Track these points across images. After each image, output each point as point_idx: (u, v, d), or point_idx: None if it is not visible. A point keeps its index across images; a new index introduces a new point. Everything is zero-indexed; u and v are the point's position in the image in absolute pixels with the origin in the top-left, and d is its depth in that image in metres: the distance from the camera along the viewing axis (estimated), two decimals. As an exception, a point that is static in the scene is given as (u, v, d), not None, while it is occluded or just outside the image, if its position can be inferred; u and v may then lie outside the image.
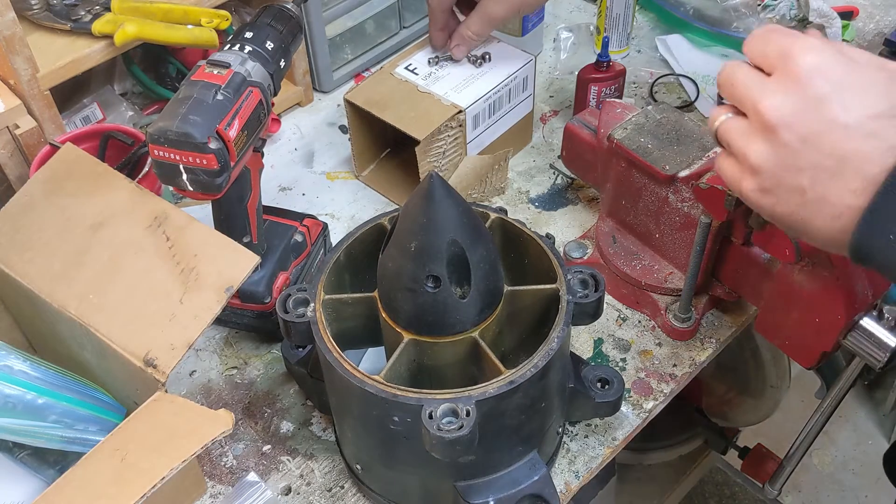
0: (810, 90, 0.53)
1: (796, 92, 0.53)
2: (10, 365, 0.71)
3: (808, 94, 0.53)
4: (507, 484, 0.72)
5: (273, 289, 0.87)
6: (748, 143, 0.57)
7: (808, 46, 0.54)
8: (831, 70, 0.53)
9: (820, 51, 0.54)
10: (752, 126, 0.56)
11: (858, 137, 0.51)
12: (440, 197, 0.64)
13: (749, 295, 0.86)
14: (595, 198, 1.05)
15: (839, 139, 0.52)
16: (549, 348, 0.67)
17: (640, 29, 1.30)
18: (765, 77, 0.56)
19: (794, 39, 0.55)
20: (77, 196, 0.80)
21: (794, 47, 0.54)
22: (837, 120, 0.52)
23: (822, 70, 0.53)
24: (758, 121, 0.56)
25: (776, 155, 0.55)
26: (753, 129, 0.56)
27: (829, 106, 0.52)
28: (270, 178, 1.10)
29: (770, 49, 0.56)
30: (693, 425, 1.54)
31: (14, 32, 0.85)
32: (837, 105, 0.52)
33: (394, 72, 1.02)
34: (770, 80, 0.56)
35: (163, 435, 0.68)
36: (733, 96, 0.59)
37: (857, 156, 0.52)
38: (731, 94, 0.59)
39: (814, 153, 0.53)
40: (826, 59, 0.53)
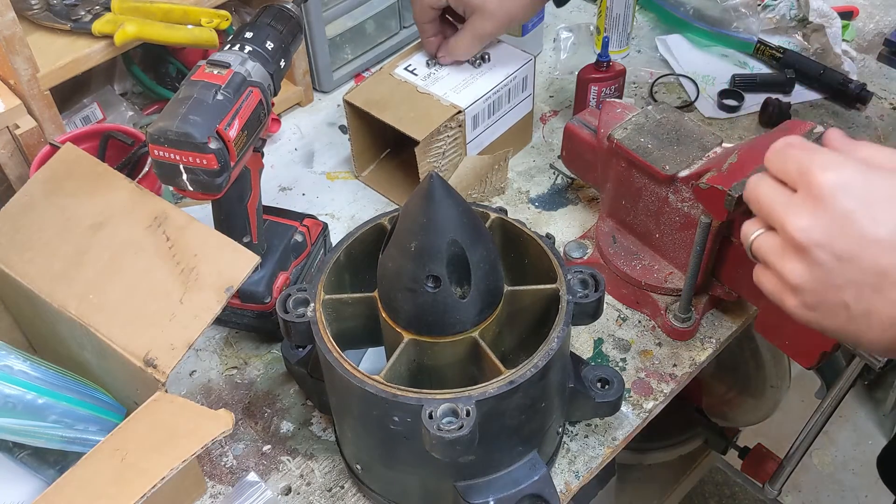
0: (836, 209, 0.52)
1: (822, 212, 0.53)
2: (10, 365, 0.71)
3: (835, 213, 0.52)
4: (507, 484, 0.72)
5: (273, 289, 0.87)
6: (784, 262, 0.56)
7: (827, 163, 0.53)
8: (853, 185, 0.52)
9: (839, 167, 0.53)
10: (784, 245, 0.56)
11: (893, 250, 0.51)
12: (440, 197, 0.64)
13: (749, 295, 0.86)
14: (595, 198, 1.05)
15: (874, 255, 0.52)
16: (549, 348, 0.67)
17: (640, 29, 1.30)
18: (789, 193, 0.56)
19: (812, 156, 0.54)
20: (77, 196, 0.80)
21: (813, 165, 0.54)
22: (868, 236, 0.52)
23: (844, 187, 0.52)
24: (789, 240, 0.55)
25: (813, 274, 0.54)
26: (787, 248, 0.55)
27: (859, 222, 0.52)
28: (270, 178, 1.10)
29: (790, 166, 0.56)
30: (693, 425, 1.54)
31: (14, 32, 0.85)
32: (867, 220, 0.52)
33: (393, 72, 1.02)
34: (795, 198, 0.55)
35: (163, 435, 0.68)
36: (760, 212, 0.58)
37: (894, 269, 0.51)
38: (758, 210, 0.59)
39: (851, 271, 0.53)
40: (846, 175, 0.53)
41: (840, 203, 0.52)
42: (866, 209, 0.52)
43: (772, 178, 0.58)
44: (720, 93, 1.16)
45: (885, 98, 1.16)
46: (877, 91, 1.16)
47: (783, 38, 1.22)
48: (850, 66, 1.18)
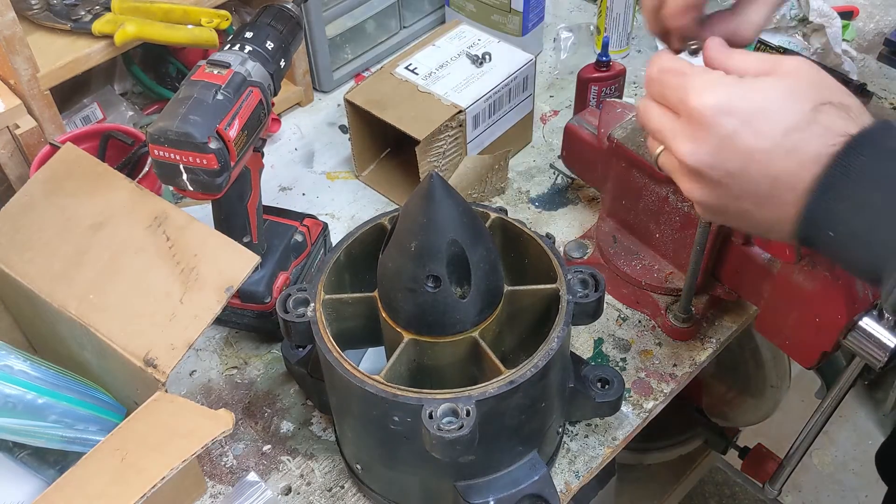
0: (717, 131, 0.53)
1: (705, 136, 0.54)
2: (10, 365, 0.71)
3: (717, 135, 0.54)
4: (508, 484, 0.72)
5: (273, 289, 0.87)
6: (682, 181, 0.58)
7: (701, 87, 0.54)
8: (730, 104, 0.53)
9: (713, 89, 0.54)
10: (679, 166, 0.57)
11: (780, 157, 0.52)
12: (440, 197, 0.64)
13: (749, 295, 0.86)
14: (595, 198, 1.05)
15: (762, 165, 0.53)
16: (549, 348, 0.67)
17: (640, 29, 1.29)
18: (673, 118, 0.57)
19: (686, 80, 0.55)
20: (77, 196, 0.80)
21: (688, 91, 0.55)
22: (754, 150, 0.53)
23: (721, 109, 0.53)
24: (682, 164, 0.56)
25: (709, 190, 0.56)
26: (682, 170, 0.57)
27: (741, 139, 0.53)
28: (270, 178, 1.10)
29: (667, 92, 0.57)
30: (693, 425, 1.54)
31: (14, 32, 0.85)
32: (748, 135, 0.53)
33: (394, 72, 1.02)
34: (678, 125, 0.56)
35: (163, 435, 0.68)
36: (653, 137, 0.60)
37: (785, 174, 0.53)
38: (651, 135, 0.60)
39: (744, 183, 0.54)
40: (721, 95, 0.54)
41: (720, 125, 0.53)
42: (746, 125, 0.53)
43: (655, 102, 0.59)
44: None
45: (886, 98, 1.16)
46: (877, 91, 1.16)
47: (783, 38, 1.22)
48: (850, 66, 1.18)
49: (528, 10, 1.17)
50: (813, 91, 0.53)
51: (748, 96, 0.53)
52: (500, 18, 1.19)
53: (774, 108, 0.53)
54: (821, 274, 0.74)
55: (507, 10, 1.18)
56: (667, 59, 0.59)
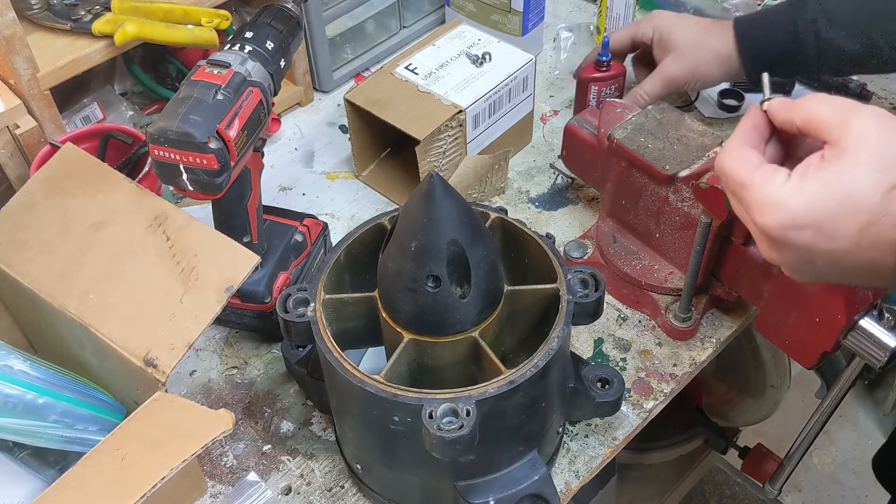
0: (792, 243, 0.53)
1: (782, 249, 0.55)
2: (11, 365, 0.71)
3: (793, 245, 0.53)
4: (508, 484, 0.72)
5: (273, 288, 0.87)
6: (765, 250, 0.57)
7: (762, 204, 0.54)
8: (795, 220, 0.53)
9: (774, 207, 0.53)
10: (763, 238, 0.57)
11: (862, 251, 0.52)
12: (440, 197, 0.64)
13: (749, 295, 0.86)
14: (595, 198, 1.05)
15: (848, 260, 0.53)
16: (550, 348, 0.67)
17: (640, 29, 1.30)
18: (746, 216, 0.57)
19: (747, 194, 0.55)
20: (77, 196, 0.80)
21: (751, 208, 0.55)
22: (835, 250, 0.53)
23: (787, 226, 0.53)
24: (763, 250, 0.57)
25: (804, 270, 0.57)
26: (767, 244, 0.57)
27: (820, 245, 0.53)
28: (270, 177, 1.10)
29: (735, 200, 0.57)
30: (693, 425, 1.54)
31: (14, 32, 0.85)
32: (826, 241, 0.52)
33: (394, 71, 1.02)
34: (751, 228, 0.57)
35: (163, 435, 0.68)
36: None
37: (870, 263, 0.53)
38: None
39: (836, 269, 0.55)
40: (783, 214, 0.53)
41: (792, 240, 0.53)
42: (818, 234, 0.52)
43: None
44: (720, 93, 1.16)
45: (886, 98, 1.16)
46: (877, 91, 1.16)
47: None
48: (850, 66, 1.18)
49: (528, 10, 1.17)
50: (881, 174, 0.51)
51: (816, 205, 0.52)
52: (500, 18, 1.19)
53: (842, 209, 0.51)
54: (821, 274, 0.74)
55: (507, 10, 1.18)
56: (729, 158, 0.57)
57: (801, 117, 0.56)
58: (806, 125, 0.56)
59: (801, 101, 0.57)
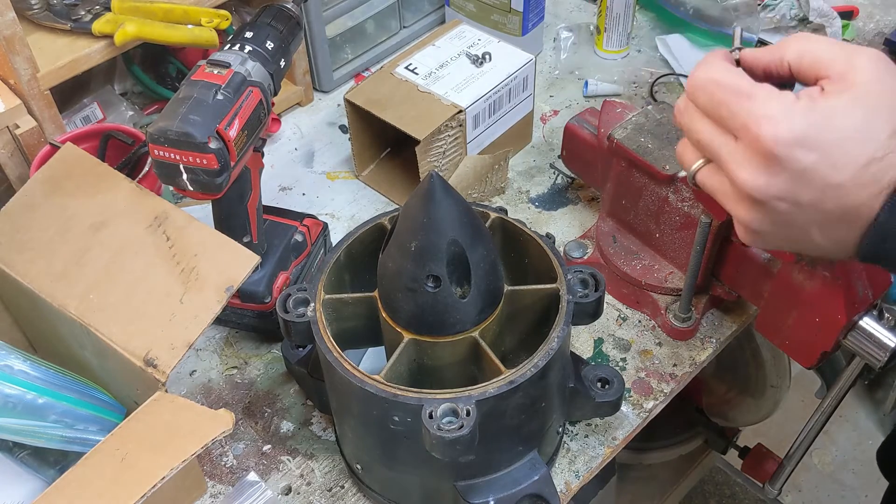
0: (794, 165, 0.49)
1: (778, 170, 0.50)
2: (11, 365, 0.71)
3: (793, 168, 0.49)
4: (508, 484, 0.72)
5: (273, 288, 0.87)
6: (738, 208, 0.53)
7: (774, 114, 0.49)
8: (808, 136, 0.49)
9: (789, 117, 0.49)
10: (736, 192, 0.53)
11: (856, 189, 0.50)
12: (440, 197, 0.64)
13: (749, 295, 0.86)
14: (595, 198, 1.05)
15: (837, 197, 0.50)
16: (550, 348, 0.67)
17: (640, 29, 1.30)
18: (731, 141, 0.52)
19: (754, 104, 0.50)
20: (77, 196, 0.80)
21: (759, 119, 0.50)
22: (831, 182, 0.49)
23: (799, 141, 0.49)
24: (742, 192, 0.52)
25: (772, 219, 0.52)
26: (740, 197, 0.52)
27: (819, 173, 0.49)
28: (270, 177, 1.10)
29: (723, 111, 0.52)
30: (693, 425, 1.54)
31: (14, 32, 0.85)
32: (828, 169, 0.49)
33: (394, 71, 1.02)
34: (740, 151, 0.51)
35: (163, 435, 0.68)
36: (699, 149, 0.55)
37: (859, 204, 0.50)
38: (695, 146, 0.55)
39: (813, 214, 0.51)
40: (799, 125, 0.49)
41: (797, 159, 0.49)
42: (825, 158, 0.49)
43: (701, 113, 0.53)
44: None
45: None
46: None
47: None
48: (850, 66, 1.17)
49: (528, 10, 1.17)
50: (890, 111, 0.49)
51: (827, 126, 0.49)
52: (500, 18, 1.19)
53: (853, 138, 0.49)
54: (821, 274, 0.74)
55: (507, 10, 1.18)
56: (722, 69, 0.53)
57: (796, 54, 0.53)
58: (801, 61, 0.52)
59: (790, 40, 0.54)
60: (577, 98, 1.19)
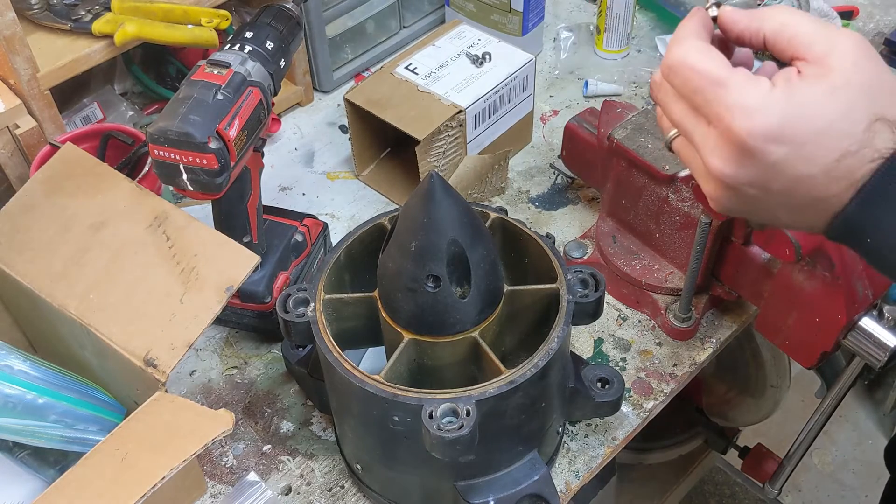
0: (765, 158, 0.48)
1: (749, 162, 0.49)
2: (10, 365, 0.71)
3: (764, 161, 0.48)
4: (508, 484, 0.72)
5: (273, 288, 0.87)
6: (708, 184, 0.52)
7: (746, 106, 0.48)
8: (782, 130, 0.47)
9: (762, 110, 0.48)
10: (707, 174, 0.51)
11: (827, 182, 0.48)
12: (440, 197, 0.64)
13: (749, 295, 0.86)
14: (595, 197, 1.05)
15: (808, 189, 0.49)
16: (550, 348, 0.67)
17: (640, 29, 1.30)
18: (704, 125, 0.51)
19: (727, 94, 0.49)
20: (77, 196, 0.80)
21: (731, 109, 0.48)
22: (803, 175, 0.48)
23: (772, 135, 0.47)
24: (713, 174, 0.51)
25: (740, 202, 0.52)
26: (710, 178, 0.51)
27: (791, 166, 0.48)
28: (270, 177, 1.10)
29: (697, 98, 0.50)
30: (693, 425, 1.54)
31: (14, 32, 0.85)
32: (800, 162, 0.48)
33: (394, 71, 1.02)
34: (712, 138, 0.50)
35: (163, 435, 0.68)
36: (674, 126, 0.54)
37: (829, 196, 0.49)
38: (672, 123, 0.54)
39: (783, 199, 0.50)
40: (773, 119, 0.47)
41: (769, 153, 0.48)
42: (797, 151, 0.48)
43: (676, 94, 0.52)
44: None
45: None
46: None
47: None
48: (850, 66, 1.18)
49: (528, 10, 1.17)
50: (868, 102, 0.47)
51: (802, 119, 0.47)
52: (500, 18, 1.19)
53: (827, 132, 0.47)
54: (821, 274, 0.74)
55: (507, 10, 1.18)
56: (697, 50, 0.51)
57: (774, 28, 0.51)
58: (778, 38, 0.51)
59: (771, 11, 0.52)
60: (577, 98, 1.19)
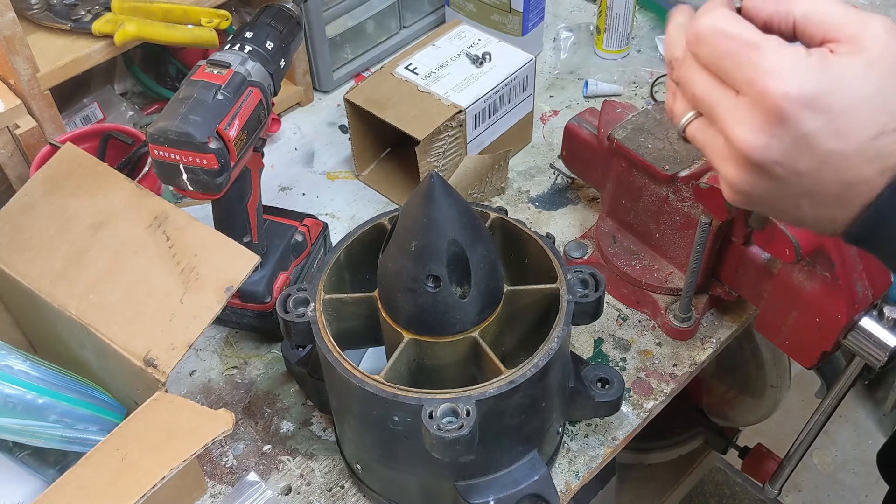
0: (798, 126, 0.46)
1: (780, 131, 0.46)
2: (10, 365, 0.71)
3: (797, 130, 0.46)
4: (508, 484, 0.72)
5: (273, 288, 0.87)
6: (729, 167, 0.50)
7: (783, 68, 0.45)
8: (818, 98, 0.45)
9: (799, 73, 0.45)
10: (727, 150, 0.49)
11: (860, 163, 0.46)
12: (440, 197, 0.64)
13: (749, 295, 0.86)
14: (595, 197, 1.05)
15: (838, 168, 0.46)
16: (550, 348, 0.67)
17: (640, 29, 1.30)
18: (731, 95, 0.48)
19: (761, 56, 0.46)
20: (77, 196, 0.80)
21: (765, 72, 0.46)
22: (834, 151, 0.46)
23: (808, 101, 0.45)
24: (737, 151, 0.48)
25: (765, 185, 0.49)
26: (733, 156, 0.49)
27: (823, 139, 0.46)
28: (270, 177, 1.10)
29: (726, 63, 0.48)
30: (693, 425, 1.54)
31: (14, 32, 0.85)
32: (832, 136, 0.46)
33: (394, 71, 1.02)
34: (742, 106, 0.47)
35: (163, 435, 0.68)
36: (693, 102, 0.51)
37: (860, 180, 0.47)
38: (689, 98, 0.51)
39: (810, 183, 0.48)
40: (810, 84, 0.45)
41: (802, 121, 0.45)
42: (831, 124, 0.45)
43: (700, 65, 0.49)
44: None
45: None
46: None
47: None
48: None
49: (528, 10, 1.17)
50: None
51: (839, 89, 0.45)
52: (500, 18, 1.19)
53: (864, 106, 0.45)
54: (821, 274, 0.74)
55: (507, 10, 1.18)
56: (728, 17, 0.48)
57: (804, 11, 0.49)
58: (808, 21, 0.48)
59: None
60: (577, 98, 1.19)
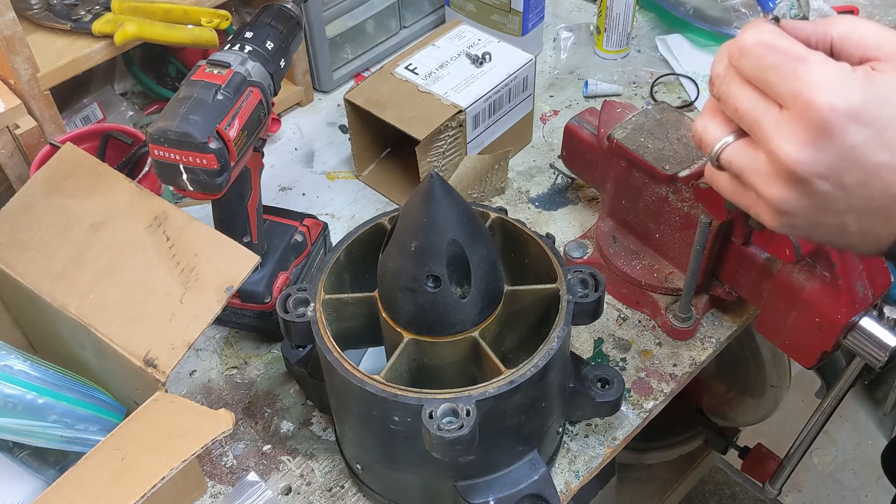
0: (845, 139, 0.45)
1: (827, 144, 0.45)
2: (10, 365, 0.71)
3: (844, 143, 0.45)
4: (508, 484, 0.72)
5: (273, 288, 0.87)
6: (771, 187, 0.49)
7: (830, 81, 0.45)
8: (866, 110, 0.45)
9: (846, 86, 0.45)
10: (773, 168, 0.48)
11: None
12: (440, 197, 0.64)
13: (749, 295, 0.86)
14: (595, 198, 1.05)
15: (885, 182, 0.46)
16: (550, 348, 0.67)
17: (640, 29, 1.30)
18: (776, 109, 0.48)
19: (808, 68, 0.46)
20: (77, 196, 0.80)
21: (812, 84, 0.46)
22: (882, 164, 0.46)
23: (855, 113, 0.45)
24: (781, 167, 0.47)
25: (809, 201, 0.48)
26: (777, 174, 0.48)
27: (871, 152, 0.45)
28: (270, 177, 1.10)
29: (772, 77, 0.47)
30: (693, 425, 1.54)
31: (14, 32, 0.85)
32: (880, 149, 0.45)
33: (394, 71, 1.02)
34: (786, 120, 0.47)
35: (163, 435, 0.68)
36: (735, 118, 0.51)
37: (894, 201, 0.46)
38: (731, 115, 0.51)
39: (857, 198, 0.47)
40: (856, 96, 0.45)
41: (849, 133, 0.45)
42: (878, 136, 0.45)
43: (743, 80, 0.50)
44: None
45: None
46: None
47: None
48: (850, 66, 1.17)
49: (528, 10, 1.17)
50: None
51: (884, 103, 0.45)
52: (500, 18, 1.19)
53: None
54: (821, 274, 0.74)
55: (507, 10, 1.18)
56: (773, 31, 0.48)
57: (842, 32, 0.49)
58: (846, 40, 0.49)
59: (835, 19, 0.51)
60: (577, 98, 1.19)
